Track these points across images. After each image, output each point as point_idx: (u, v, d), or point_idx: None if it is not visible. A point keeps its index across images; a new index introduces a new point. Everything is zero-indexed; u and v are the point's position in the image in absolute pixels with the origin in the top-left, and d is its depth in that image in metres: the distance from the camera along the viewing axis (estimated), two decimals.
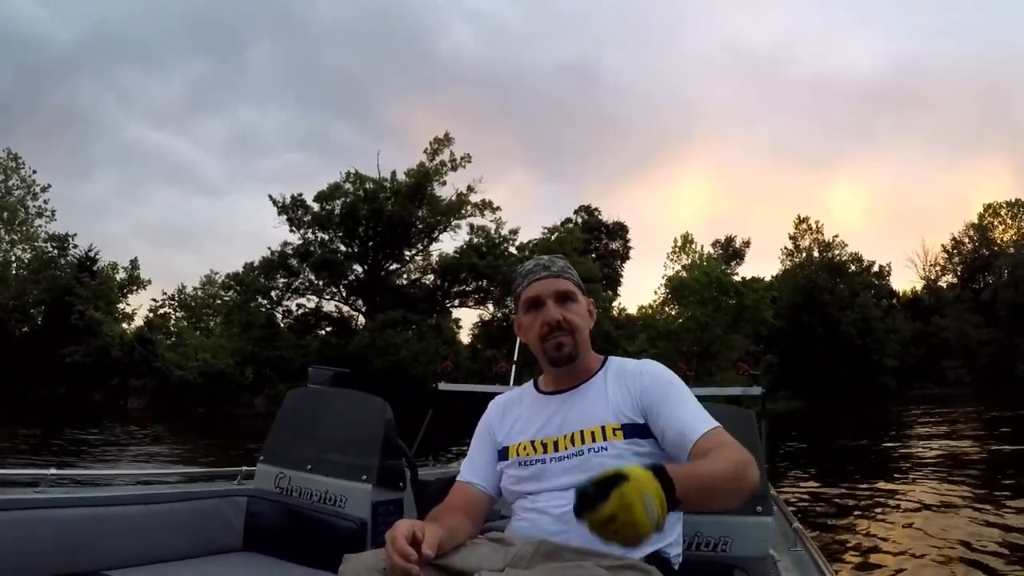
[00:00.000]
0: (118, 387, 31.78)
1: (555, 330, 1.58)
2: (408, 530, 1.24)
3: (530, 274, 1.64)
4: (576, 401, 1.58)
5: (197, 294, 37.17)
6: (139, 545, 2.17)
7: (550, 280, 1.61)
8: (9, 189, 35.40)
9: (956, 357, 42.23)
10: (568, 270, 1.66)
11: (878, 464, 12.22)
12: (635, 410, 1.52)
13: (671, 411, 1.49)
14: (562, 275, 1.63)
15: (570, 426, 1.53)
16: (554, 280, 1.61)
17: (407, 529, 1.24)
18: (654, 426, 1.50)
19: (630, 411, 1.52)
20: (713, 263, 36.54)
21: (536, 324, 1.60)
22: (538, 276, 1.63)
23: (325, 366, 2.94)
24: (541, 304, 1.60)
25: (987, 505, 7.57)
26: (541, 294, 1.60)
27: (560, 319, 1.58)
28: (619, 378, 1.59)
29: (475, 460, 1.67)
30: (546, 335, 1.58)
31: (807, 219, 45.33)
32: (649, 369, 1.60)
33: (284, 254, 36.43)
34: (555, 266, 1.65)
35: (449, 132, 37.27)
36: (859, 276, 43.37)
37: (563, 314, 1.58)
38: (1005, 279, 44.70)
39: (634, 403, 1.53)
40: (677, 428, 1.46)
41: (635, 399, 1.53)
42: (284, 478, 2.49)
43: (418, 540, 1.23)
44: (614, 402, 1.53)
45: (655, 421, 1.50)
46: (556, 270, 1.64)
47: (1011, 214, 48.32)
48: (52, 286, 33.69)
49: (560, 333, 1.58)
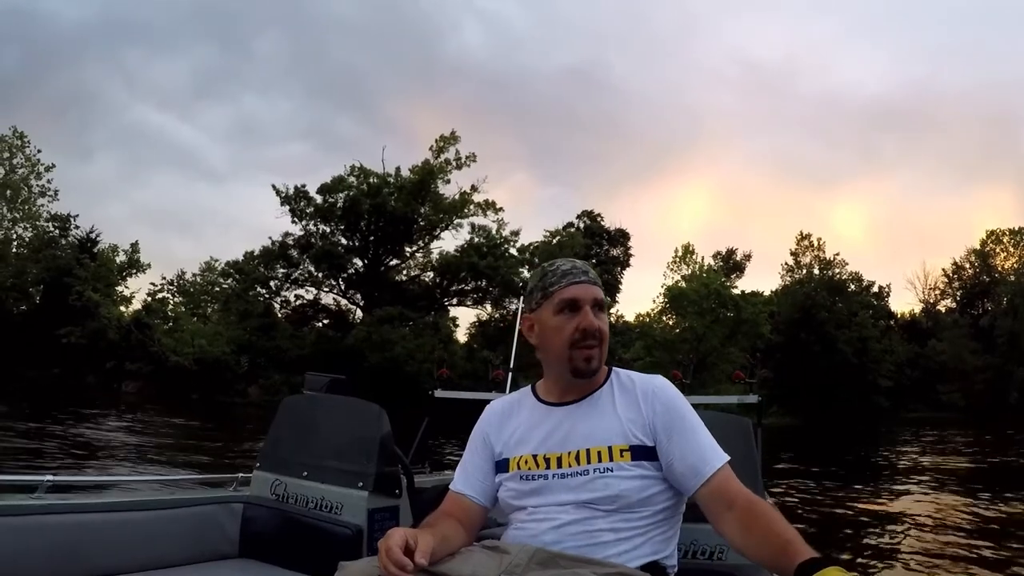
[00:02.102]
0: (113, 370, 31.74)
1: (590, 338, 1.52)
2: (401, 538, 1.23)
3: (568, 275, 1.55)
4: (582, 415, 1.53)
5: (196, 280, 37.16)
6: (135, 551, 2.17)
7: (590, 286, 1.55)
8: (13, 167, 35.36)
9: (951, 382, 42.13)
10: (598, 279, 1.61)
11: (870, 478, 12.30)
12: (646, 432, 1.48)
13: (685, 441, 1.46)
14: (598, 284, 1.58)
15: (575, 442, 1.49)
16: (593, 287, 1.55)
17: (400, 538, 1.23)
18: (663, 452, 1.47)
19: (640, 432, 1.48)
20: (713, 275, 36.54)
21: (570, 327, 1.52)
22: (578, 279, 1.54)
23: (321, 372, 2.94)
24: (578, 308, 1.52)
25: (976, 517, 7.64)
26: (581, 298, 1.53)
27: (599, 327, 1.53)
28: (629, 395, 1.54)
29: (468, 470, 1.62)
30: (578, 341, 1.51)
31: (809, 236, 45.33)
32: (662, 389, 1.55)
33: (284, 244, 36.49)
34: (591, 273, 1.59)
35: (455, 130, 37.35)
36: (858, 296, 43.35)
37: (600, 324, 1.54)
38: (1004, 306, 44.61)
39: (645, 424, 1.49)
40: (690, 460, 1.44)
41: (647, 420, 1.49)
42: (280, 485, 2.49)
43: (411, 548, 1.23)
44: (624, 421, 1.49)
45: (665, 447, 1.47)
46: (593, 277, 1.58)
47: (1013, 242, 48.22)
48: (52, 266, 33.67)
49: (593, 342, 1.52)
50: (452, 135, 37.00)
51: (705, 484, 1.42)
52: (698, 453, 1.45)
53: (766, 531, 1.30)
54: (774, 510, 1.38)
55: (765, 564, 1.30)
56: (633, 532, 1.42)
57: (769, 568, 1.29)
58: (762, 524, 1.32)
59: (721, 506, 1.40)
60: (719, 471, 1.43)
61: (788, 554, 1.22)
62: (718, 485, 1.42)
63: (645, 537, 1.43)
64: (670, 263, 38.92)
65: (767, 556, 1.28)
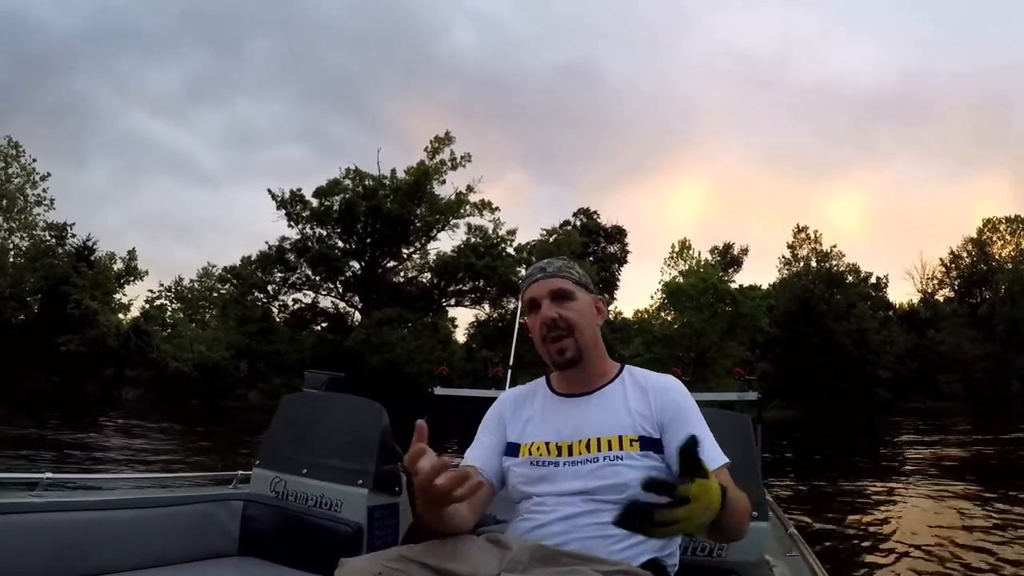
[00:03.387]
0: (113, 377, 31.65)
1: (552, 329, 1.57)
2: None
3: (529, 277, 1.66)
4: (594, 407, 1.57)
5: (194, 286, 37.07)
6: (135, 549, 2.17)
7: (545, 280, 1.62)
8: (9, 177, 35.26)
9: (951, 371, 42.27)
10: (566, 269, 1.66)
11: (872, 472, 12.31)
12: (654, 424, 1.53)
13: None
14: (558, 274, 1.63)
15: (586, 431, 1.53)
16: (549, 280, 1.62)
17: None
18: (666, 445, 1.50)
19: (649, 424, 1.52)
20: (710, 269, 36.54)
21: (536, 326, 1.61)
22: (534, 278, 1.64)
23: (321, 370, 2.94)
24: (538, 305, 1.60)
25: (978, 510, 7.65)
26: (537, 295, 1.61)
27: (555, 317, 1.57)
28: (640, 389, 1.59)
29: (481, 448, 1.64)
30: (545, 336, 1.59)
31: (805, 228, 45.35)
32: (674, 388, 1.60)
33: (281, 248, 36.46)
34: (551, 266, 1.65)
35: (449, 131, 37.37)
36: (856, 287, 43.39)
37: (559, 312, 1.58)
38: (1002, 295, 44.71)
39: (654, 417, 1.53)
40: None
41: (656, 413, 1.54)
42: (280, 482, 2.49)
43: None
44: (634, 413, 1.54)
45: (670, 441, 1.50)
46: (552, 270, 1.64)
47: (1010, 230, 48.31)
48: (49, 275, 33.51)
49: (558, 332, 1.57)
50: (447, 136, 37.07)
51: None
52: (702, 452, 1.46)
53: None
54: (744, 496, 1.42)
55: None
56: None
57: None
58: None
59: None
60: (716, 472, 1.43)
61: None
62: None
63: None
64: (667, 259, 38.86)
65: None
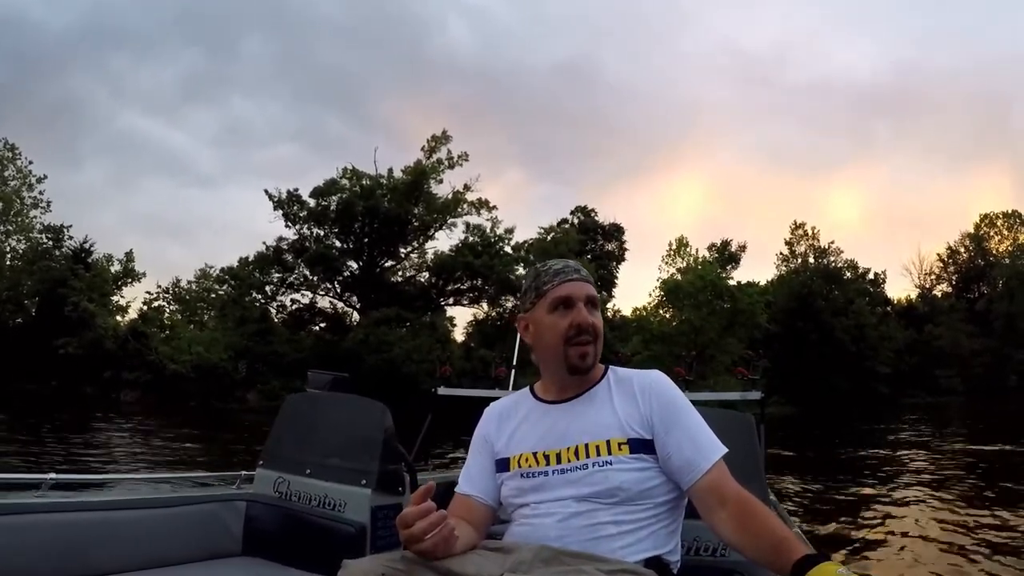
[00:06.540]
0: (111, 380, 31.58)
1: (584, 333, 1.54)
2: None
3: (561, 273, 1.59)
4: (579, 412, 1.55)
5: (191, 287, 37.01)
6: (138, 549, 2.17)
7: (582, 283, 1.58)
8: (5, 179, 35.22)
9: (949, 366, 42.36)
10: (591, 277, 1.65)
11: (873, 469, 12.30)
12: (643, 425, 1.50)
13: (682, 434, 1.48)
14: (588, 280, 1.61)
15: (573, 438, 1.50)
16: (586, 284, 1.59)
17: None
18: (660, 445, 1.48)
19: (638, 426, 1.49)
20: (708, 266, 36.55)
21: (564, 324, 1.55)
22: (570, 277, 1.58)
23: (324, 370, 2.93)
24: (572, 305, 1.55)
25: (978, 507, 7.66)
26: (574, 295, 1.56)
27: (593, 323, 1.55)
28: (626, 390, 1.56)
29: (473, 471, 1.64)
30: (573, 337, 1.54)
31: (803, 224, 45.41)
32: (659, 384, 1.57)
33: (279, 249, 36.44)
34: (584, 271, 1.63)
35: (446, 130, 37.35)
36: (854, 283, 43.43)
37: (593, 320, 1.56)
38: (1000, 290, 44.89)
39: (643, 418, 1.50)
40: (687, 455, 1.45)
41: (644, 415, 1.51)
42: (283, 482, 2.48)
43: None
44: (621, 415, 1.51)
45: (663, 441, 1.48)
46: (586, 275, 1.62)
47: (1007, 225, 48.52)
48: (46, 277, 33.48)
49: (588, 338, 1.55)
50: (444, 135, 37.07)
51: (700, 479, 1.43)
52: (695, 448, 1.46)
53: (760, 529, 1.32)
54: (767, 509, 1.39)
55: (760, 562, 1.31)
56: (635, 525, 1.42)
57: (764, 566, 1.29)
58: (756, 522, 1.34)
59: (714, 502, 1.41)
60: (714, 467, 1.44)
61: (783, 551, 1.23)
62: (712, 481, 1.43)
63: (648, 531, 1.43)
64: (665, 256, 38.80)
65: (762, 553, 1.29)
